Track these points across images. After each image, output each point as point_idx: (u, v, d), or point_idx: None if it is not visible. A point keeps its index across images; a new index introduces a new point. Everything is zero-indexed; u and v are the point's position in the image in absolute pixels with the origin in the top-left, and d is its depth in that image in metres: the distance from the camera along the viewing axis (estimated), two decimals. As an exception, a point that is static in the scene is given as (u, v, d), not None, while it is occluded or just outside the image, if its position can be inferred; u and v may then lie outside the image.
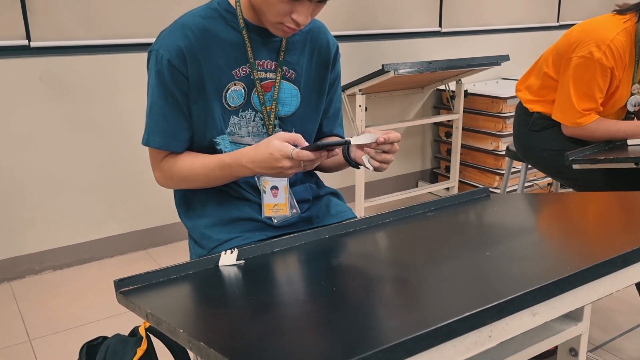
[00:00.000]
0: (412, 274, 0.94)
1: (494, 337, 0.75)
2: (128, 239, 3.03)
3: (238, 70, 1.32)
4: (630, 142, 2.05)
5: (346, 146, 1.32)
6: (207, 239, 1.38)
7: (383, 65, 2.88)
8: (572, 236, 1.07)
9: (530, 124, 2.22)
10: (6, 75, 2.57)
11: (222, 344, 0.73)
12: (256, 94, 1.34)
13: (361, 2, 3.45)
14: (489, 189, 1.46)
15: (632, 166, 1.81)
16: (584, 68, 1.96)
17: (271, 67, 1.35)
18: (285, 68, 1.37)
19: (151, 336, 1.35)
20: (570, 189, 2.72)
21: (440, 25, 3.80)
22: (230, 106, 1.33)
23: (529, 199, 1.40)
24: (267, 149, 1.17)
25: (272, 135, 1.20)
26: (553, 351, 1.30)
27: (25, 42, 2.55)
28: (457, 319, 0.70)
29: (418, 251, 1.07)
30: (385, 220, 1.28)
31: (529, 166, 2.46)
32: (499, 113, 3.51)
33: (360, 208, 3.29)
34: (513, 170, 3.15)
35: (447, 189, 3.76)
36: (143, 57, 1.34)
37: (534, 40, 4.30)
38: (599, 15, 2.07)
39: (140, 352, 1.32)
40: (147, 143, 1.32)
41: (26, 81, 2.62)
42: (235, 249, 1.10)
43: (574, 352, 1.23)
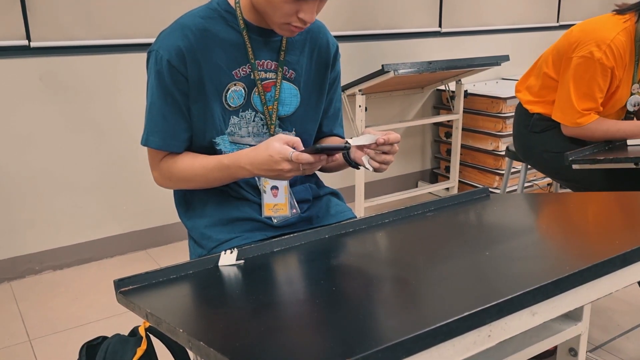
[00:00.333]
0: (411, 273, 0.94)
1: (493, 337, 0.75)
2: (128, 239, 3.03)
3: (238, 71, 1.32)
4: (630, 142, 2.05)
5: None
6: (207, 239, 1.38)
7: (383, 66, 2.88)
8: (571, 236, 1.07)
9: (531, 125, 2.22)
10: (6, 76, 2.57)
11: (222, 343, 0.73)
12: (257, 94, 1.34)
13: (361, 2, 3.45)
14: (488, 189, 1.46)
15: (632, 166, 1.81)
16: (584, 68, 1.96)
17: (271, 67, 1.35)
18: (285, 68, 1.37)
19: (151, 336, 1.35)
20: (570, 190, 2.71)
21: (440, 26, 3.80)
22: (230, 106, 1.33)
23: (528, 199, 1.41)
24: (267, 150, 1.17)
25: (271, 137, 1.20)
26: (552, 351, 1.30)
27: (25, 42, 2.55)
28: (456, 318, 0.70)
29: (417, 251, 1.07)
30: (385, 220, 1.28)
31: (529, 166, 2.47)
32: (498, 113, 3.51)
33: (360, 208, 3.29)
34: (513, 171, 3.15)
35: (447, 189, 3.76)
36: (143, 57, 1.34)
37: (533, 40, 4.30)
38: (599, 15, 2.07)
39: (140, 352, 1.32)
40: (146, 143, 1.32)
41: (26, 81, 2.62)
42: (235, 249, 1.11)
43: (573, 352, 1.23)
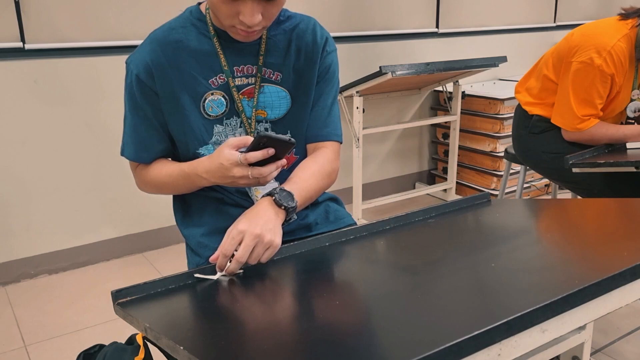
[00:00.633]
0: (416, 288, 0.92)
1: (503, 356, 0.73)
2: (124, 242, 3.00)
3: (215, 79, 1.29)
4: (629, 145, 2.04)
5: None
6: (204, 247, 1.36)
7: (380, 67, 2.87)
8: (578, 247, 1.06)
9: (530, 127, 2.22)
10: (0, 78, 2.54)
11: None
12: (235, 101, 1.31)
13: (358, 3, 3.43)
14: (489, 195, 1.44)
15: (632, 170, 1.80)
16: (583, 74, 1.95)
17: (252, 72, 1.31)
18: (269, 71, 1.32)
19: (149, 344, 1.33)
20: (569, 191, 2.71)
21: (438, 27, 3.78)
22: (210, 116, 1.30)
23: (530, 205, 1.39)
24: (218, 158, 1.15)
25: (223, 143, 1.16)
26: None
27: (20, 44, 2.53)
28: (466, 337, 0.68)
29: (421, 262, 1.05)
30: (385, 227, 1.26)
31: (528, 168, 2.46)
32: (496, 114, 3.50)
33: (358, 210, 3.28)
34: (511, 172, 3.14)
35: (445, 190, 3.75)
36: (139, 60, 1.32)
37: (531, 41, 4.30)
38: (603, 19, 2.04)
39: (137, 361, 1.30)
40: (122, 153, 1.36)
41: (21, 84, 2.59)
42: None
43: (577, 359, 1.22)
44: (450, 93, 3.60)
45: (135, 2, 2.74)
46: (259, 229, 1.08)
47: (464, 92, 3.61)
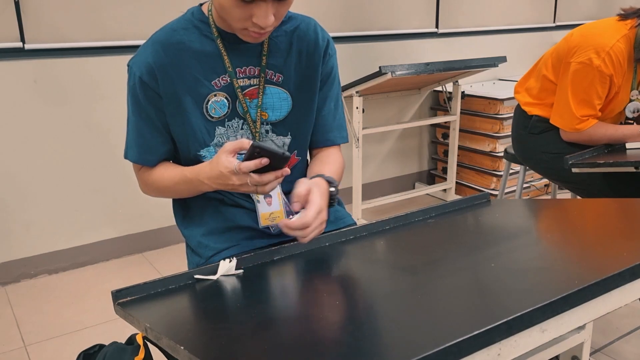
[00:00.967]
0: (416, 288, 0.93)
1: (503, 355, 0.74)
2: (124, 242, 3.00)
3: (218, 81, 1.28)
4: (628, 145, 2.04)
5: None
6: (204, 247, 1.36)
7: (380, 67, 2.87)
8: (578, 246, 1.06)
9: (529, 127, 2.22)
10: (0, 78, 2.54)
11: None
12: (240, 102, 1.31)
13: (358, 3, 3.43)
14: (489, 195, 1.44)
15: (632, 170, 1.80)
16: (582, 74, 1.95)
17: (255, 73, 1.31)
18: (270, 72, 1.32)
19: (149, 344, 1.33)
20: (568, 191, 2.71)
21: (437, 27, 3.79)
22: (212, 117, 1.30)
23: (530, 205, 1.39)
24: (217, 165, 1.15)
25: (220, 149, 1.16)
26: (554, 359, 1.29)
27: (20, 44, 2.53)
28: (466, 337, 0.68)
29: (421, 262, 1.05)
30: (385, 227, 1.26)
31: (527, 168, 2.46)
32: (496, 114, 3.50)
33: (358, 210, 3.28)
34: (510, 172, 3.14)
35: (444, 190, 3.75)
36: (139, 60, 1.32)
37: (530, 41, 4.30)
38: (603, 19, 2.04)
39: (137, 361, 1.30)
40: (126, 156, 1.35)
41: (21, 84, 2.59)
42: (235, 258, 1.09)
43: (576, 359, 1.22)
44: (450, 93, 3.60)
45: (135, 2, 2.74)
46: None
47: (463, 92, 3.61)
